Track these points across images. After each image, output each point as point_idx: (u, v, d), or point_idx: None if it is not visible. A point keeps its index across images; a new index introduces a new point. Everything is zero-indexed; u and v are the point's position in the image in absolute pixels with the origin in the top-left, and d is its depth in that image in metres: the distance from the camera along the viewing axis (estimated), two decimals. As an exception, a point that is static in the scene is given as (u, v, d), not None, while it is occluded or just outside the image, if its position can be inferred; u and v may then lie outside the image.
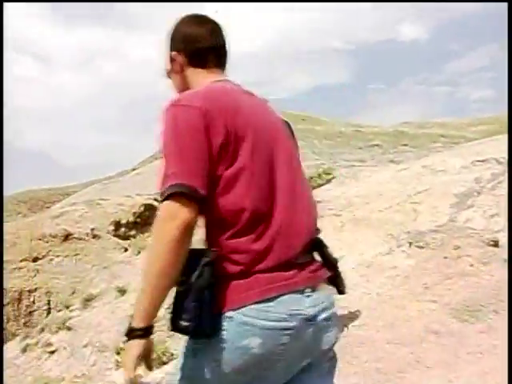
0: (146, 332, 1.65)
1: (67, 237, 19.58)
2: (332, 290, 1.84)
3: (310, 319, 1.68)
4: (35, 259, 18.85)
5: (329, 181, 12.64)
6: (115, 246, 19.19)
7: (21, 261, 18.61)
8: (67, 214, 20.99)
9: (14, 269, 18.45)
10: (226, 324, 1.63)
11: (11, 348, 9.40)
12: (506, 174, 7.05)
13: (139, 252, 12.46)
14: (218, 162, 1.60)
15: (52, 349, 8.42)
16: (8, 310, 17.75)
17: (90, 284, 14.80)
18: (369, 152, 28.77)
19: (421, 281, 5.33)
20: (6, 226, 20.15)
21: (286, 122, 1.90)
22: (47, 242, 19.30)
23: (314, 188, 12.54)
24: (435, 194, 7.83)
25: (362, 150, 29.60)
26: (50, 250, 19.12)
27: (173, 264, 1.57)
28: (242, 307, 1.62)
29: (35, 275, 18.39)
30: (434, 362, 3.75)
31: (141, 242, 13.14)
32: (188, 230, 1.55)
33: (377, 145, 31.37)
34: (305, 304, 1.67)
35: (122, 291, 9.72)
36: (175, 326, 1.67)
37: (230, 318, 1.63)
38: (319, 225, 1.92)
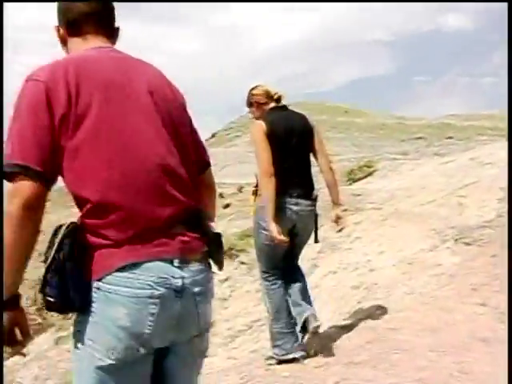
0: (8, 303, 1.58)
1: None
2: (207, 266, 1.78)
3: (179, 291, 1.64)
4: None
5: (370, 174, 12.21)
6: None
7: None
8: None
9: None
10: (94, 295, 1.59)
11: (45, 340, 9.33)
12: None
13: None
14: (60, 134, 1.60)
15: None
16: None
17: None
18: (412, 145, 28.02)
19: (467, 281, 4.90)
20: (50, 217, 20.23)
21: (299, 114, 1.62)
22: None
23: (354, 181, 12.11)
24: (482, 188, 7.35)
25: (405, 143, 28.86)
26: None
27: (19, 239, 1.54)
28: (107, 275, 1.58)
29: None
30: (481, 374, 3.36)
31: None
32: (29, 207, 1.54)
33: (421, 137, 30.56)
34: (173, 274, 1.63)
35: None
36: (45, 303, 1.62)
37: (97, 288, 1.59)
38: (359, 218, 1.62)
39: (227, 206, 19.33)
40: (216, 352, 6.35)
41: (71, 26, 1.83)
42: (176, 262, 1.65)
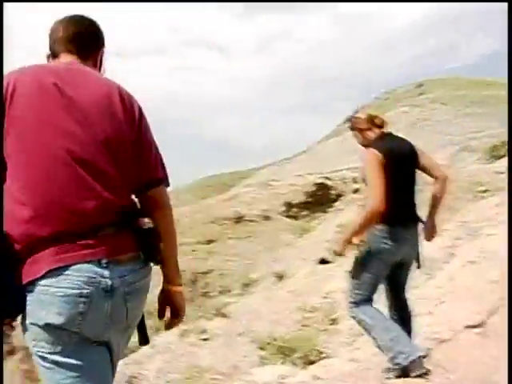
0: None
1: (239, 219, 19.74)
2: (141, 264, 1.78)
3: (108, 290, 1.68)
4: (209, 242, 19.26)
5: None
6: (286, 227, 18.86)
7: (196, 243, 19.12)
8: (240, 197, 21.18)
9: (190, 251, 18.98)
10: (28, 298, 1.65)
11: (170, 332, 9.29)
12: None
13: (301, 234, 11.80)
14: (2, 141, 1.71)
15: (206, 336, 8.10)
16: (184, 291, 18.31)
17: (254, 268, 14.56)
18: None
19: None
20: (183, 210, 20.85)
21: (407, 142, 2.83)
22: (220, 225, 19.62)
23: (497, 158, 10.90)
24: None
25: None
26: (223, 233, 19.41)
27: None
28: (39, 278, 1.63)
29: (209, 257, 18.77)
30: None
31: (306, 223, 12.46)
32: None
33: None
34: (102, 274, 1.67)
35: (280, 276, 9.15)
36: None
37: (30, 291, 1.65)
38: (502, 199, 1.01)
39: (356, 191, 18.52)
40: (337, 352, 5.74)
41: (52, 50, 2.03)
42: (104, 263, 1.68)
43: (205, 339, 8.19)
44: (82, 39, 2.03)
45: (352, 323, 6.35)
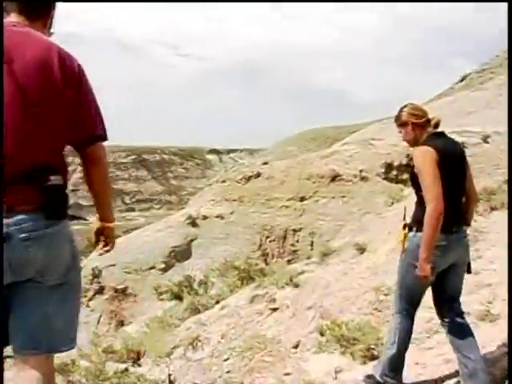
0: None
1: (335, 178, 19.03)
2: (44, 215, 1.96)
3: (8, 237, 1.88)
4: (302, 199, 18.79)
5: None
6: (384, 190, 17.94)
7: (288, 200, 18.74)
8: (337, 154, 20.37)
9: (281, 207, 18.65)
10: None
11: (243, 295, 9.02)
12: None
13: (392, 203, 10.99)
14: None
15: (275, 306, 7.71)
16: (273, 247, 18.13)
17: (342, 230, 13.93)
18: None
19: None
20: (278, 164, 20.49)
21: (458, 142, 3.14)
22: (314, 183, 19.04)
23: None
24: None
25: None
26: (317, 191, 18.84)
27: None
28: None
29: (301, 215, 18.35)
30: None
31: (400, 192, 11.61)
32: None
33: None
34: (6, 221, 1.88)
35: (361, 249, 8.52)
36: None
37: None
38: None
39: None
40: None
41: (5, 9, 2.10)
42: (5, 213, 1.88)
43: (273, 309, 7.82)
44: (32, 2, 2.15)
45: (429, 316, 5.69)
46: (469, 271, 3.71)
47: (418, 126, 3.56)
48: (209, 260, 16.48)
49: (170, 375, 7.02)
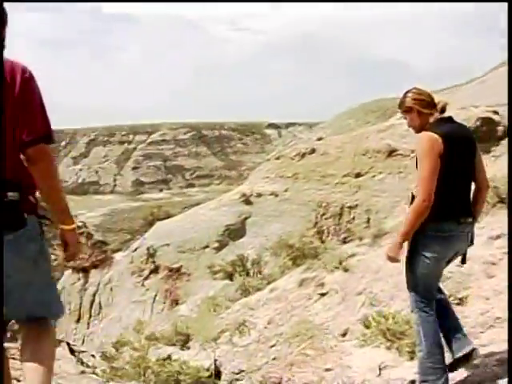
0: None
1: (391, 153, 18.47)
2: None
3: None
4: (357, 175, 18.36)
5: None
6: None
7: (343, 176, 18.35)
8: (393, 128, 19.73)
9: (337, 183, 18.29)
10: None
11: (292, 277, 8.86)
12: None
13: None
14: None
15: (323, 291, 7.51)
16: (328, 225, 17.83)
17: (389, 215, 13.49)
18: None
19: None
20: (333, 140, 20.06)
21: (466, 127, 3.17)
22: (370, 158, 18.54)
23: None
24: None
25: None
26: (373, 167, 18.35)
27: None
28: None
29: (356, 191, 17.95)
30: None
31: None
32: None
33: None
34: None
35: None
36: None
37: None
38: None
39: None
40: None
41: None
42: None
43: (322, 294, 7.62)
44: None
45: (484, 308, 5.36)
46: (463, 261, 3.69)
47: (424, 112, 3.40)
48: (263, 238, 16.40)
49: (215, 361, 6.96)
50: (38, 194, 2.39)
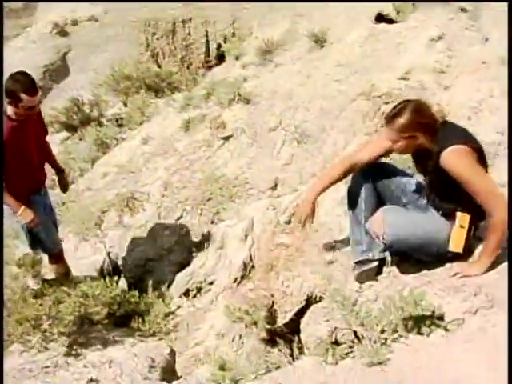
0: None
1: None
2: None
3: None
4: None
5: None
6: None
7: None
8: None
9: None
10: None
11: (171, 118, 7.05)
12: None
13: None
14: None
15: (226, 134, 5.84)
16: (161, 45, 15.51)
17: (240, 21, 11.61)
18: None
19: None
20: None
21: None
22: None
23: None
24: None
25: None
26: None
27: None
28: None
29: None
30: None
31: None
32: None
33: None
34: None
35: (318, 41, 6.50)
36: None
37: None
38: None
39: None
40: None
41: None
42: None
43: (225, 138, 5.95)
44: None
45: None
46: None
47: (429, 132, 2.89)
48: (92, 73, 13.81)
49: (109, 254, 5.17)
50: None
